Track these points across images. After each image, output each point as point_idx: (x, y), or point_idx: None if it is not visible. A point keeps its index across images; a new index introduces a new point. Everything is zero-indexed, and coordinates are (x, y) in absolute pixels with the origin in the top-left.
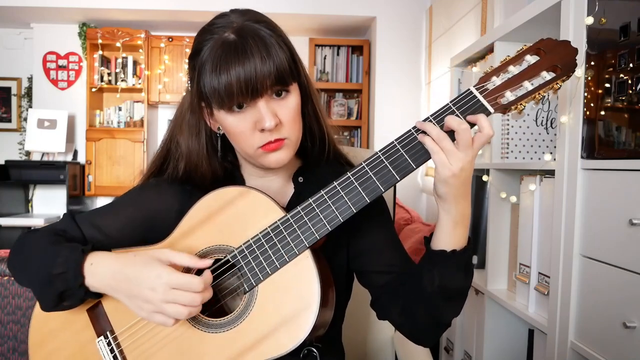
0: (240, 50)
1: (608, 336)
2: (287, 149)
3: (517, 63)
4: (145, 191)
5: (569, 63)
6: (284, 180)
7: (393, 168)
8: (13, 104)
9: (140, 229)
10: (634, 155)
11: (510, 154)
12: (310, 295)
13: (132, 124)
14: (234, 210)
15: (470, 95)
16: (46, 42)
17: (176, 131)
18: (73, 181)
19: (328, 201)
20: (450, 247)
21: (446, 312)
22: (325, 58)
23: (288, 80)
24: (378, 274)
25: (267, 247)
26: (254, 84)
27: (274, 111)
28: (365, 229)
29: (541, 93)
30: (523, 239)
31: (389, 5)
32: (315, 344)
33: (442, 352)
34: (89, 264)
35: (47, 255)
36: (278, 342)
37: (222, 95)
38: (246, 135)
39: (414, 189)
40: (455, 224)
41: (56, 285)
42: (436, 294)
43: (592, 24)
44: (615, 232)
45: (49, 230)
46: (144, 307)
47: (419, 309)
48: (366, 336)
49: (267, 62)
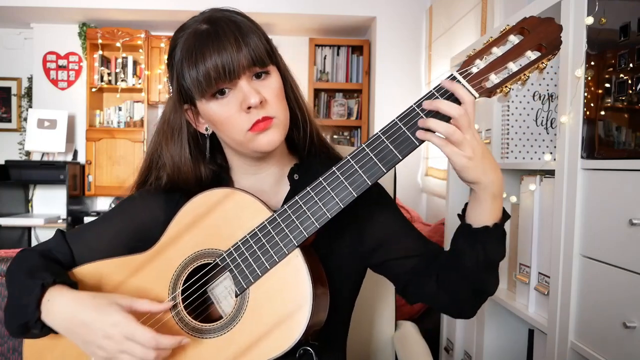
0: (214, 36)
1: (608, 336)
2: (277, 129)
3: (501, 44)
4: (131, 203)
5: (554, 41)
6: (278, 178)
7: (379, 160)
8: (13, 104)
9: (129, 241)
10: (634, 155)
11: (510, 154)
12: (302, 294)
13: (132, 124)
14: (220, 213)
15: (455, 81)
16: (46, 42)
17: (159, 139)
18: (73, 181)
19: (315, 198)
20: (492, 221)
21: (490, 282)
22: (325, 58)
23: (266, 61)
24: (401, 260)
25: (256, 249)
26: (230, 66)
27: (258, 90)
28: (376, 221)
29: (527, 74)
30: (523, 239)
31: (389, 5)
32: (312, 343)
33: (442, 352)
34: (46, 300)
35: (17, 284)
36: (272, 344)
37: (202, 84)
38: (234, 119)
39: (414, 189)
40: (493, 197)
41: (18, 316)
42: (481, 269)
43: (592, 24)
44: (615, 232)
45: (38, 251)
46: (98, 353)
47: (462, 285)
48: (366, 336)
49: (242, 43)
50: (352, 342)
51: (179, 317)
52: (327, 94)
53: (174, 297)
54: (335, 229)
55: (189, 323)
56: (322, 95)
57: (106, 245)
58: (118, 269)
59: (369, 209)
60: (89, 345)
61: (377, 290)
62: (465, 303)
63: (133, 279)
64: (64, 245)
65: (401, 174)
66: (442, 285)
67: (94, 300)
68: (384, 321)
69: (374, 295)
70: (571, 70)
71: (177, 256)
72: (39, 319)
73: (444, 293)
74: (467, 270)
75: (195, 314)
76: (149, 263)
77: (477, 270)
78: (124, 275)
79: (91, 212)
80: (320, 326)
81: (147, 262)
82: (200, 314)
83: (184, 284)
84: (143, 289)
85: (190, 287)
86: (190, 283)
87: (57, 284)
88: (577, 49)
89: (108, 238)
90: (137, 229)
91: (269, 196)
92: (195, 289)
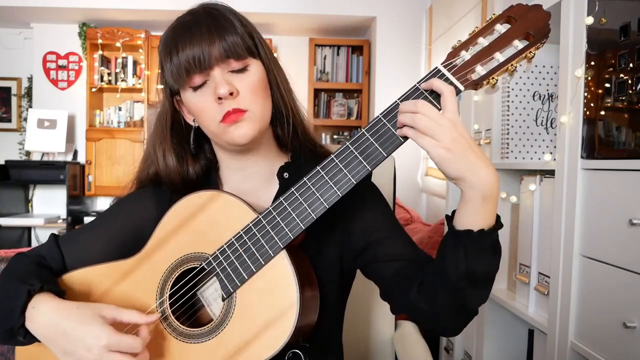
0: (189, 28)
1: (608, 336)
2: (250, 123)
3: (487, 34)
4: (124, 205)
5: (542, 29)
6: (266, 176)
7: (363, 158)
8: (13, 104)
9: (123, 243)
10: (634, 155)
11: (510, 154)
12: (289, 297)
13: (132, 124)
14: (206, 216)
15: (439, 74)
16: (46, 42)
17: (152, 133)
18: (73, 181)
19: (299, 198)
20: (478, 226)
21: (473, 298)
22: (325, 58)
23: (242, 53)
24: (385, 263)
25: (242, 252)
26: (201, 57)
27: (230, 81)
28: (365, 220)
29: (514, 64)
30: (523, 239)
31: (389, 5)
32: (302, 344)
33: (442, 352)
34: (31, 306)
35: (5, 289)
36: (261, 346)
37: (176, 74)
38: (207, 109)
39: (414, 189)
40: (483, 199)
41: (3, 321)
42: (462, 279)
43: (592, 24)
44: (615, 232)
45: (30, 256)
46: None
47: (442, 296)
48: (366, 336)
49: (215, 35)
50: (351, 342)
51: (166, 322)
52: (327, 94)
53: (161, 302)
54: (325, 229)
55: (177, 328)
56: (322, 95)
57: (99, 249)
58: (106, 275)
59: (359, 209)
60: (68, 356)
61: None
62: (446, 317)
63: (120, 285)
64: (56, 251)
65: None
66: (423, 294)
67: (77, 311)
68: (383, 321)
69: (373, 295)
70: (571, 70)
71: (163, 261)
72: (23, 325)
73: (425, 303)
74: (447, 279)
75: (186, 317)
76: (136, 269)
77: (457, 279)
78: (111, 282)
79: (91, 212)
80: (311, 328)
81: (134, 267)
82: (191, 316)
83: (172, 289)
84: (130, 295)
85: (177, 292)
86: (177, 287)
87: (44, 291)
88: (577, 49)
89: (101, 242)
90: (130, 231)
91: (258, 195)
92: (183, 293)
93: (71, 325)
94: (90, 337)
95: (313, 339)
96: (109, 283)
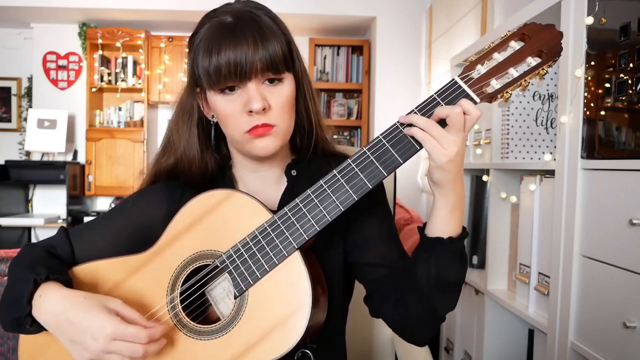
0: (234, 32)
1: (608, 336)
2: (275, 138)
3: (502, 49)
4: (133, 201)
5: (554, 47)
6: (279, 174)
7: (380, 164)
8: (13, 104)
9: (131, 239)
10: (634, 155)
11: (510, 154)
12: (301, 297)
13: (132, 124)
14: (219, 214)
15: (455, 86)
16: (46, 42)
17: (173, 120)
18: (73, 181)
19: (315, 200)
20: (447, 234)
21: (441, 305)
22: (325, 58)
23: (281, 68)
24: (372, 266)
25: (256, 251)
26: (242, 67)
27: (264, 95)
28: (360, 221)
29: (527, 80)
30: (523, 239)
31: (389, 5)
32: (310, 345)
33: (442, 352)
34: (37, 295)
35: (14, 277)
36: (271, 346)
37: (211, 76)
38: (235, 118)
39: (414, 189)
40: (452, 209)
41: (10, 309)
42: (432, 285)
43: (592, 24)
44: (615, 232)
45: (41, 246)
46: (83, 354)
47: (412, 301)
48: (366, 336)
49: (260, 46)
50: (352, 342)
51: (177, 318)
52: (327, 94)
53: (172, 297)
54: (330, 230)
55: (187, 324)
56: (322, 95)
57: (108, 243)
58: (116, 269)
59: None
60: (75, 345)
61: None
62: (415, 323)
63: (131, 279)
64: (66, 242)
65: (401, 174)
66: (397, 301)
67: (84, 301)
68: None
69: None
70: (571, 70)
71: (176, 257)
72: (30, 313)
73: (398, 310)
74: (419, 285)
75: (194, 316)
76: (147, 264)
77: (428, 285)
78: (121, 276)
79: (91, 212)
80: (320, 328)
81: (145, 262)
82: (198, 315)
83: (182, 285)
84: (140, 289)
85: (188, 289)
86: (188, 284)
87: (51, 280)
88: (577, 49)
89: (110, 236)
90: (139, 227)
91: (267, 192)
92: (194, 290)
93: (77, 315)
94: (95, 326)
95: (319, 340)
96: (118, 277)
